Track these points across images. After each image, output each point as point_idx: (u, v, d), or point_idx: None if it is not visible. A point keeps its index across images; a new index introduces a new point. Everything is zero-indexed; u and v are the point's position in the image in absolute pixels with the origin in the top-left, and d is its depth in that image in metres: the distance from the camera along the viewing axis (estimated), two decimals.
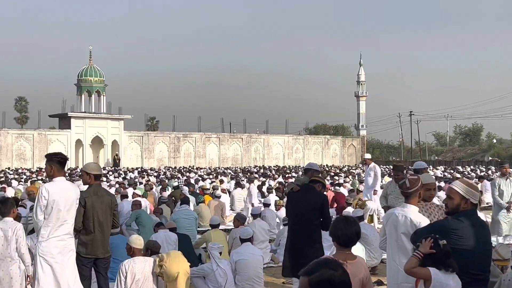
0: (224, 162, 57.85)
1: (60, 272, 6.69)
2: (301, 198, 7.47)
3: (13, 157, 47.35)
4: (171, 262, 7.40)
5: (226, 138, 59.87)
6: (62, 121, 52.03)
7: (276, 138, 63.14)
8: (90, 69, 53.15)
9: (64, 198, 6.71)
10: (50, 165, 6.83)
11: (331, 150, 66.79)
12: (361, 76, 76.31)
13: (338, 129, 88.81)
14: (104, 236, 7.43)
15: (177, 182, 26.40)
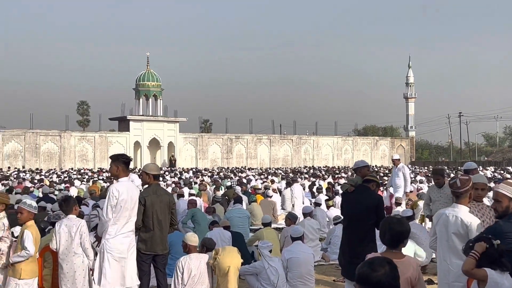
0: (274, 162, 57.88)
1: (126, 267, 6.85)
2: (356, 199, 7.37)
3: (76, 158, 48.60)
4: (224, 256, 7.45)
5: (277, 139, 59.88)
6: (121, 124, 53.10)
7: (326, 139, 62.77)
8: (147, 74, 53.99)
9: (130, 197, 6.88)
10: (116, 165, 7.00)
11: (380, 151, 65.96)
12: (410, 78, 75.11)
13: (387, 130, 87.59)
14: (163, 234, 7.55)
15: (230, 182, 26.60)
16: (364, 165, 7.97)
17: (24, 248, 6.48)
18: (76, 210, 7.34)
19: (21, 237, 6.59)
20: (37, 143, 47.14)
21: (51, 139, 47.91)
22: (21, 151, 46.41)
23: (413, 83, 74.97)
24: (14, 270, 6.55)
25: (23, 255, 6.48)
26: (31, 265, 6.65)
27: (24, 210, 6.70)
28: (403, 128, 78.50)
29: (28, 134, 46.92)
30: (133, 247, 6.99)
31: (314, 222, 12.07)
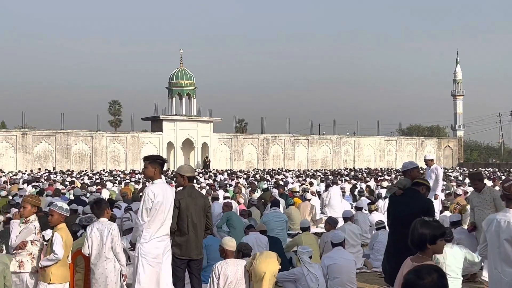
0: (313, 164, 57.62)
1: (160, 272, 6.92)
2: (404, 202, 7.27)
3: (108, 159, 49.29)
4: (260, 261, 7.44)
5: (315, 140, 59.62)
6: (154, 124, 53.58)
7: (367, 140, 62.23)
8: (181, 73, 54.31)
9: (165, 200, 6.94)
10: (154, 167, 7.09)
11: (425, 152, 65.00)
12: (457, 74, 73.75)
13: (433, 130, 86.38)
14: (198, 238, 7.58)
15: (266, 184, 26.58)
16: (413, 167, 7.87)
17: (52, 251, 6.59)
18: (108, 213, 7.43)
19: (51, 240, 6.70)
20: (68, 143, 47.98)
21: (82, 140, 48.71)
22: (52, 152, 47.32)
23: (461, 80, 73.62)
24: (44, 275, 6.65)
25: (52, 258, 6.58)
26: (62, 270, 6.74)
27: (54, 213, 6.80)
28: (451, 128, 77.14)
29: (59, 135, 47.79)
30: (168, 251, 7.06)
31: (355, 227, 11.97)
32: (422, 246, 4.42)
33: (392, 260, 7.16)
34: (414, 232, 4.44)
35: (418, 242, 4.42)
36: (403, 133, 79.51)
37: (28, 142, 46.42)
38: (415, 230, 4.43)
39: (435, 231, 4.42)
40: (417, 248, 4.47)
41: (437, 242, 4.39)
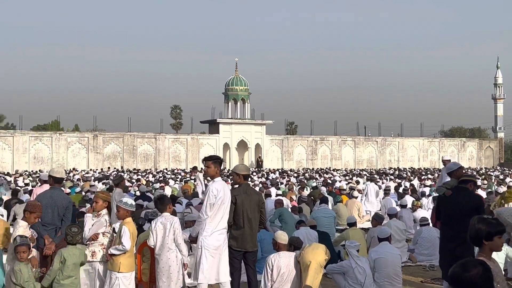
0: (359, 164, 57.01)
1: (220, 263, 6.97)
2: (454, 200, 7.09)
3: (170, 159, 50.03)
4: (307, 251, 7.38)
5: (361, 141, 58.96)
6: (211, 126, 54.10)
7: (411, 141, 61.14)
8: (236, 79, 54.67)
9: (225, 196, 7.02)
10: (216, 166, 7.20)
11: (467, 152, 63.48)
12: (498, 78, 71.56)
13: (474, 131, 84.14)
14: (253, 231, 7.60)
15: (315, 182, 26.45)
16: (457, 167, 7.71)
17: (121, 242, 6.70)
18: (170, 208, 7.52)
19: (120, 232, 6.81)
20: (134, 145, 48.92)
21: (147, 141, 49.59)
22: (120, 152, 48.33)
23: (501, 84, 71.41)
24: (113, 264, 6.76)
25: (120, 248, 6.69)
26: (129, 260, 6.85)
27: (120, 209, 6.91)
28: (491, 130, 74.96)
29: (126, 137, 48.78)
30: (226, 243, 7.12)
31: (400, 223, 11.77)
32: (479, 242, 4.27)
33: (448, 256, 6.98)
34: (471, 228, 4.31)
35: (474, 238, 4.29)
36: (446, 135, 77.72)
37: (99, 144, 47.55)
38: (473, 226, 4.30)
39: (491, 227, 4.26)
40: (475, 244, 4.33)
41: (494, 239, 4.22)
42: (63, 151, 46.14)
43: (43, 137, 46.30)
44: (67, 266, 6.48)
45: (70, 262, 6.50)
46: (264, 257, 8.71)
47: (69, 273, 6.49)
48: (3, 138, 44.77)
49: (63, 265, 6.46)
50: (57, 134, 47.42)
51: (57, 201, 7.67)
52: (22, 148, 44.79)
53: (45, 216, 7.56)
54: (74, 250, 6.59)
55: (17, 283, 6.22)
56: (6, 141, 44.54)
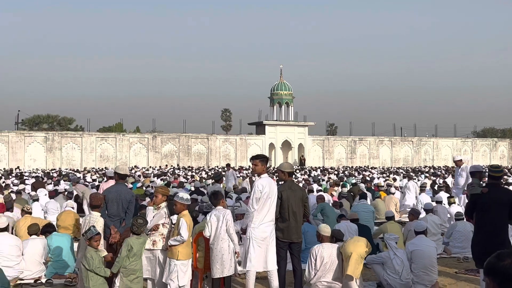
0: (395, 162, 56.13)
1: (267, 252, 7.00)
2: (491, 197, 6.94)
3: (220, 157, 50.44)
4: (349, 243, 7.32)
5: (398, 141, 58.01)
6: (258, 128, 54.28)
7: (445, 141, 59.79)
8: (280, 85, 54.68)
9: (271, 191, 7.04)
10: (262, 164, 7.25)
11: (499, 152, 61.61)
12: None
13: (505, 132, 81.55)
14: (297, 224, 7.58)
15: (354, 179, 26.18)
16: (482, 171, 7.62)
17: (179, 233, 6.80)
18: (223, 202, 7.59)
19: (177, 224, 6.90)
20: (189, 144, 49.56)
21: (200, 141, 50.15)
22: (176, 151, 49.04)
23: None
24: (172, 252, 6.86)
25: (178, 239, 6.79)
26: (187, 249, 6.94)
27: (177, 203, 6.98)
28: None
29: (182, 137, 49.46)
30: (273, 235, 7.14)
31: (436, 218, 11.54)
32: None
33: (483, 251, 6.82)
34: None
35: None
36: (478, 135, 75.63)
37: (157, 143, 48.38)
38: None
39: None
40: None
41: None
42: (125, 150, 47.15)
43: (108, 138, 47.44)
44: (133, 254, 6.63)
45: (135, 250, 6.64)
46: (307, 248, 8.70)
47: (134, 259, 6.64)
48: (73, 139, 46.10)
49: (129, 252, 6.62)
50: (120, 135, 48.50)
51: (121, 195, 7.84)
52: (90, 148, 46.00)
53: (111, 208, 7.74)
54: (139, 240, 6.73)
55: (89, 269, 6.40)
56: (76, 142, 45.84)
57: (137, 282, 6.66)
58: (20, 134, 45.17)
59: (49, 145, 44.75)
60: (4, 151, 43.38)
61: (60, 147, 45.10)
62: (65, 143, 45.47)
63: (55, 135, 45.87)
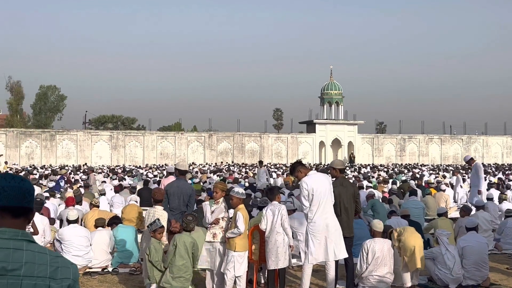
0: (445, 160, 54.53)
1: (327, 244, 6.91)
2: None
3: (272, 155, 50.52)
4: (408, 235, 7.15)
5: (447, 139, 56.31)
6: (309, 126, 54.05)
7: (495, 139, 57.52)
8: (330, 85, 54.23)
9: (319, 186, 6.96)
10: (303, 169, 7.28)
11: None
12: None
13: None
14: (349, 219, 7.48)
15: (404, 176, 25.62)
16: None
17: (236, 226, 6.84)
18: (279, 198, 7.58)
19: (234, 217, 6.94)
20: (243, 143, 49.88)
21: (253, 140, 50.40)
22: (231, 149, 49.47)
23: None
24: (230, 244, 6.90)
25: (235, 232, 6.82)
26: (243, 241, 6.97)
27: (233, 197, 7.01)
28: None
29: (236, 136, 49.85)
30: (333, 226, 6.99)
31: (487, 215, 11.11)
32: None
33: None
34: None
35: None
36: None
37: (213, 142, 48.96)
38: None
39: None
40: None
41: None
42: (184, 148, 47.98)
43: (167, 136, 48.43)
44: (179, 250, 6.69)
45: (181, 247, 6.68)
46: (358, 243, 8.56)
47: (181, 255, 6.69)
48: (136, 137, 47.33)
49: (175, 249, 6.68)
50: (179, 134, 49.41)
51: (182, 190, 7.96)
52: (151, 146, 47.10)
53: (172, 202, 7.88)
54: (186, 237, 6.76)
55: (150, 259, 6.52)
56: (138, 140, 47.05)
57: (179, 281, 6.63)
58: (87, 133, 46.80)
59: (114, 143, 46.13)
60: (73, 149, 45.07)
61: (124, 145, 46.41)
62: (129, 141, 46.75)
63: (119, 134, 47.24)
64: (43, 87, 63.45)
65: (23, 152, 43.83)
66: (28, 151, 44.04)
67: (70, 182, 19.72)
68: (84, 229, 9.18)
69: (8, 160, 40.08)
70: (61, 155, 44.61)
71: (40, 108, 62.56)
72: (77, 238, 8.68)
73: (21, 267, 1.79)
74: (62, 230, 9.08)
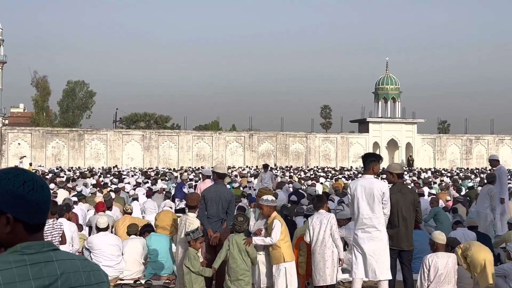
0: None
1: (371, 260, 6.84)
2: None
3: (320, 157, 50.27)
4: (476, 250, 6.99)
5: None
6: (361, 125, 53.52)
7: None
8: (386, 79, 53.52)
9: (365, 193, 6.87)
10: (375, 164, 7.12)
11: None
12: None
13: None
14: (408, 230, 7.35)
15: (471, 182, 25.01)
16: None
17: (270, 235, 6.79)
18: (327, 206, 7.52)
19: (271, 226, 6.86)
20: (287, 143, 49.84)
21: (298, 140, 50.29)
22: (273, 150, 49.51)
23: None
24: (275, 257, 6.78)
25: (267, 241, 6.78)
26: (290, 250, 6.94)
27: (263, 206, 6.97)
28: None
29: (279, 136, 49.86)
30: (377, 242, 6.90)
31: None
32: None
33: None
34: None
35: None
36: None
37: (254, 142, 49.12)
38: None
39: None
40: None
41: None
42: (222, 149, 48.34)
43: (204, 136, 48.90)
44: (233, 251, 6.74)
45: (235, 248, 6.74)
46: (417, 257, 8.40)
47: (235, 256, 6.74)
48: (170, 137, 47.99)
49: (229, 250, 6.75)
50: (217, 134, 49.82)
51: (221, 195, 7.99)
52: (186, 146, 47.67)
53: (210, 209, 7.92)
54: (239, 238, 6.81)
55: (194, 271, 6.60)
56: (172, 140, 47.70)
57: (238, 285, 6.72)
58: (118, 132, 47.79)
59: (146, 144, 46.91)
60: (102, 150, 46.11)
61: (157, 145, 47.14)
62: (162, 142, 47.45)
63: (152, 133, 48.04)
64: (70, 82, 65.15)
65: (49, 152, 45.16)
66: (55, 151, 45.34)
67: (100, 185, 20.17)
68: (115, 237, 9.35)
69: (33, 161, 41.44)
70: (89, 156, 45.71)
71: (68, 105, 64.27)
72: (108, 247, 8.85)
73: (57, 279, 1.82)
74: (91, 238, 9.29)
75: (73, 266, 1.89)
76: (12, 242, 1.84)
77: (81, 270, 1.89)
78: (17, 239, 1.84)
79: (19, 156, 41.60)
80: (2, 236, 1.85)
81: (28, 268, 1.78)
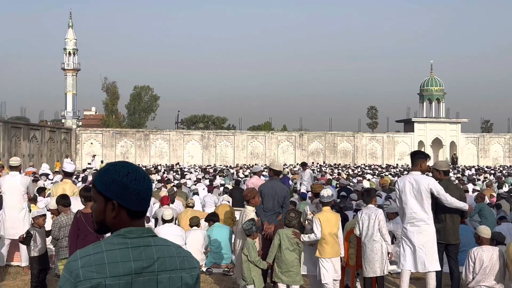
0: None
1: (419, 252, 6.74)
2: None
3: (367, 155, 49.59)
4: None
5: None
6: (406, 125, 52.49)
7: None
8: (431, 80, 52.33)
9: (412, 188, 6.76)
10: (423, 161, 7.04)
11: None
12: None
13: None
14: (455, 225, 7.20)
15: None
16: None
17: (314, 232, 6.76)
18: (376, 201, 7.42)
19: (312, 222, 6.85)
20: (335, 142, 49.42)
21: (346, 139, 49.77)
22: (322, 149, 49.20)
23: None
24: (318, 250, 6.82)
25: (311, 237, 6.76)
26: (328, 247, 6.79)
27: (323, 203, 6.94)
28: None
29: (328, 135, 49.50)
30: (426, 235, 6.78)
31: None
32: None
33: None
34: None
35: None
36: None
37: (304, 141, 48.95)
38: None
39: None
40: None
41: None
42: (274, 148, 48.42)
43: (258, 136, 49.11)
44: (284, 244, 6.76)
45: (286, 241, 6.77)
46: (462, 250, 8.19)
47: (285, 249, 6.76)
48: (226, 137, 48.46)
49: (280, 243, 6.78)
50: (269, 134, 49.92)
51: (276, 190, 8.04)
52: (241, 145, 48.01)
53: (267, 203, 7.98)
54: (289, 231, 6.83)
55: (250, 260, 6.67)
56: (229, 140, 48.14)
57: (289, 276, 6.73)
58: (179, 132, 48.62)
59: (205, 143, 47.56)
60: (166, 148, 47.04)
61: (214, 144, 47.71)
62: (219, 141, 47.98)
63: (210, 133, 48.63)
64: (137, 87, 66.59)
65: (118, 151, 46.41)
66: (123, 150, 46.56)
67: (164, 181, 20.58)
68: (179, 229, 9.54)
69: (104, 159, 42.68)
70: (154, 154, 46.73)
71: (134, 108, 65.72)
72: (173, 237, 9.02)
73: (154, 263, 1.90)
74: (157, 229, 9.51)
75: (169, 252, 1.97)
76: (117, 227, 1.93)
77: (175, 255, 1.97)
78: (121, 224, 1.93)
79: (91, 154, 43.02)
80: (109, 220, 1.94)
81: (129, 251, 1.87)
